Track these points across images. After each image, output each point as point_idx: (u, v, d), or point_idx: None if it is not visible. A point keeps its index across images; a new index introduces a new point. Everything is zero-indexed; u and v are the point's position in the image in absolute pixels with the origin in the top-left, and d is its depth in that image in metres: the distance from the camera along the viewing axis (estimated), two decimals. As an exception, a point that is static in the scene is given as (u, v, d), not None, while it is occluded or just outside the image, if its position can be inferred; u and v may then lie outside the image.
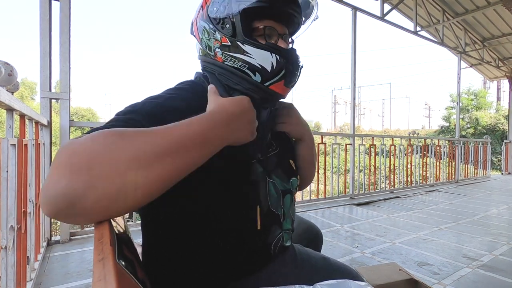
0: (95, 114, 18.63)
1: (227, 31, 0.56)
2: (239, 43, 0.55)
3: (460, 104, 6.38)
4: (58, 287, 1.47)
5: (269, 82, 0.56)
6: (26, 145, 1.36)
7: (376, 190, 4.41)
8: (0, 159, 1.01)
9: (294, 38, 0.67)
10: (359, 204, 3.57)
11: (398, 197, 4.09)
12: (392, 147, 4.62)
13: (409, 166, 4.86)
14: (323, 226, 2.62)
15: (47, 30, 2.01)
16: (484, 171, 6.69)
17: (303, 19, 0.64)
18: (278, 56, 0.55)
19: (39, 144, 1.73)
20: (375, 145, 4.33)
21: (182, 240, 0.53)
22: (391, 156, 4.57)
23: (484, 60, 6.93)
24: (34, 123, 1.68)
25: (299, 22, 0.63)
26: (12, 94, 1.16)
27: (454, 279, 1.59)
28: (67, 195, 0.32)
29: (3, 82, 1.66)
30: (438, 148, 5.58)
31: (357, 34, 4.00)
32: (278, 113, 0.67)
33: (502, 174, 7.52)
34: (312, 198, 3.62)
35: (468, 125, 16.72)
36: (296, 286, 0.51)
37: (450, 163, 5.77)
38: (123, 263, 0.32)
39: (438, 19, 5.77)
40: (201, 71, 0.66)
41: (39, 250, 1.74)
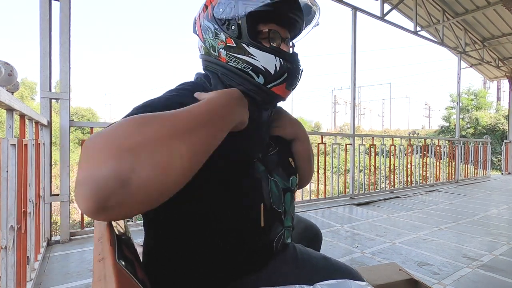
0: (95, 114, 18.61)
1: (232, 33, 0.57)
2: (244, 45, 0.56)
3: (460, 104, 6.38)
4: (58, 287, 1.47)
5: (271, 84, 0.58)
6: (26, 145, 1.37)
7: (376, 190, 4.41)
8: (0, 159, 1.01)
9: (294, 42, 0.68)
10: (359, 204, 3.57)
11: (398, 197, 4.09)
12: (392, 147, 4.62)
13: (409, 166, 4.86)
14: (323, 226, 2.61)
15: (47, 30, 2.01)
16: (484, 171, 6.69)
17: (304, 24, 0.65)
18: (281, 60, 0.57)
19: (39, 144, 1.73)
20: (375, 145, 4.34)
21: (183, 240, 0.54)
22: (391, 156, 4.57)
23: (484, 60, 6.93)
24: (34, 123, 1.68)
25: (300, 27, 0.65)
26: (12, 94, 1.16)
27: (454, 279, 1.59)
28: (118, 175, 0.31)
29: (3, 82, 1.66)
30: (438, 148, 5.58)
31: (357, 34, 4.00)
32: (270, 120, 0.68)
33: (502, 174, 7.53)
34: (312, 198, 3.63)
35: (468, 125, 16.72)
36: (296, 286, 0.51)
37: (450, 163, 5.77)
38: (123, 263, 0.32)
39: (438, 19, 5.77)
40: (201, 72, 0.66)
41: (39, 250, 1.74)
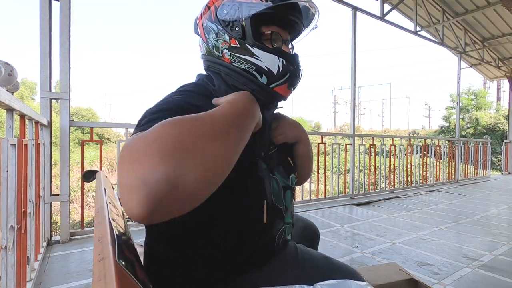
0: (95, 114, 18.58)
1: (236, 34, 0.58)
2: (248, 45, 0.58)
3: (460, 104, 6.38)
4: (58, 287, 1.47)
5: (274, 84, 0.59)
6: (26, 145, 1.37)
7: (376, 190, 4.41)
8: (0, 159, 1.01)
9: (293, 43, 0.70)
10: (359, 204, 3.57)
11: (398, 197, 4.09)
12: (392, 147, 4.62)
13: (409, 166, 4.86)
14: (323, 226, 2.61)
15: (47, 30, 2.02)
16: (484, 171, 6.69)
17: (304, 26, 0.67)
18: (284, 60, 0.59)
19: (39, 144, 1.73)
20: (375, 145, 4.33)
21: (184, 240, 0.54)
22: (391, 156, 4.57)
23: (484, 60, 6.93)
24: (34, 123, 1.68)
25: (300, 29, 0.67)
26: (12, 94, 1.16)
27: (454, 279, 1.59)
28: (170, 178, 0.32)
29: (3, 82, 1.66)
30: (438, 148, 5.58)
31: (357, 34, 4.00)
32: (272, 126, 0.69)
33: (502, 174, 7.53)
34: (312, 198, 3.63)
35: (468, 125, 16.71)
36: (296, 286, 0.51)
37: (450, 163, 5.77)
38: (123, 263, 0.32)
39: (438, 19, 5.77)
40: (203, 72, 0.67)
41: (39, 250, 1.74)
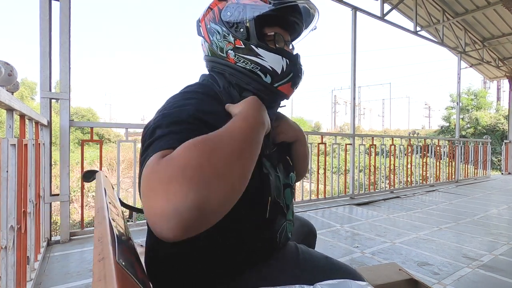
0: (95, 114, 18.57)
1: (241, 35, 0.60)
2: (253, 46, 0.59)
3: (460, 104, 6.38)
4: (58, 287, 1.47)
5: (278, 84, 0.61)
6: (26, 145, 1.36)
7: (376, 190, 4.41)
8: (0, 159, 1.01)
9: (293, 44, 0.72)
10: (359, 204, 3.57)
11: (398, 197, 4.09)
12: (392, 147, 4.62)
13: (409, 166, 4.86)
14: (323, 226, 2.62)
15: (47, 30, 2.02)
16: (484, 171, 6.69)
17: (304, 27, 0.69)
18: (288, 60, 0.60)
19: (39, 144, 1.73)
20: (375, 145, 4.33)
21: (188, 239, 0.54)
22: (391, 156, 4.57)
23: (484, 60, 6.93)
24: (34, 123, 1.68)
25: (300, 30, 0.69)
26: (12, 94, 1.16)
27: (454, 279, 1.59)
28: (198, 205, 0.35)
29: (3, 82, 1.66)
30: (438, 148, 5.58)
31: (357, 34, 4.00)
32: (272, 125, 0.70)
33: (502, 174, 7.53)
34: (312, 198, 3.63)
35: (468, 125, 16.71)
36: (296, 286, 0.51)
37: (450, 163, 5.77)
38: (123, 263, 0.32)
39: (438, 19, 5.77)
40: (206, 73, 0.68)
41: (39, 250, 1.74)
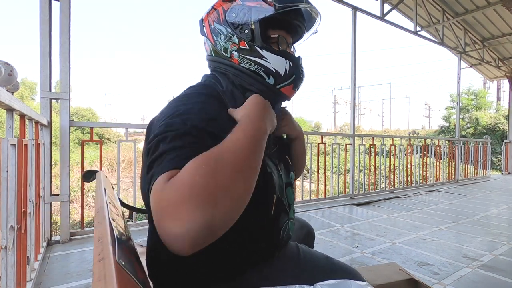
0: (95, 114, 18.58)
1: (246, 36, 0.60)
2: (257, 47, 0.60)
3: (460, 104, 6.38)
4: (58, 287, 1.47)
5: (280, 85, 0.62)
6: (26, 145, 1.36)
7: (376, 190, 4.41)
8: (0, 159, 1.01)
9: (294, 46, 0.73)
10: (359, 204, 3.57)
11: (398, 197, 4.09)
12: (392, 147, 4.62)
13: (409, 166, 4.86)
14: (323, 226, 2.62)
15: (47, 30, 2.01)
16: (484, 171, 6.69)
17: (306, 29, 0.70)
18: (290, 63, 0.61)
19: (39, 144, 1.73)
20: (375, 145, 4.33)
21: None
22: (391, 156, 4.57)
23: (484, 60, 6.92)
24: (34, 123, 1.68)
25: (302, 34, 0.70)
26: (12, 94, 1.16)
27: (454, 279, 1.59)
28: (207, 225, 0.36)
29: (3, 82, 1.65)
30: (438, 148, 5.58)
31: (357, 34, 4.00)
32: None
33: (502, 174, 7.53)
34: (312, 198, 3.62)
35: (468, 125, 16.70)
36: (296, 286, 0.51)
37: (450, 163, 5.77)
38: (123, 263, 0.32)
39: (438, 19, 5.77)
40: (209, 73, 0.68)
41: (39, 250, 1.74)
